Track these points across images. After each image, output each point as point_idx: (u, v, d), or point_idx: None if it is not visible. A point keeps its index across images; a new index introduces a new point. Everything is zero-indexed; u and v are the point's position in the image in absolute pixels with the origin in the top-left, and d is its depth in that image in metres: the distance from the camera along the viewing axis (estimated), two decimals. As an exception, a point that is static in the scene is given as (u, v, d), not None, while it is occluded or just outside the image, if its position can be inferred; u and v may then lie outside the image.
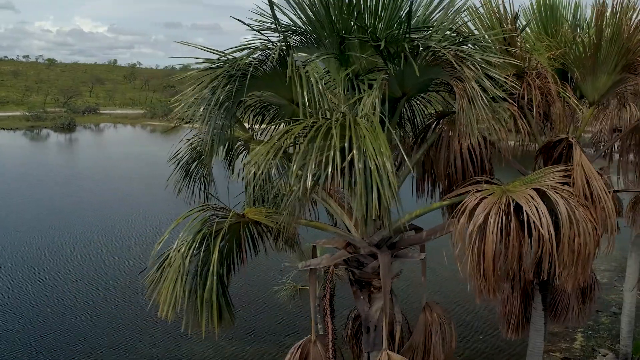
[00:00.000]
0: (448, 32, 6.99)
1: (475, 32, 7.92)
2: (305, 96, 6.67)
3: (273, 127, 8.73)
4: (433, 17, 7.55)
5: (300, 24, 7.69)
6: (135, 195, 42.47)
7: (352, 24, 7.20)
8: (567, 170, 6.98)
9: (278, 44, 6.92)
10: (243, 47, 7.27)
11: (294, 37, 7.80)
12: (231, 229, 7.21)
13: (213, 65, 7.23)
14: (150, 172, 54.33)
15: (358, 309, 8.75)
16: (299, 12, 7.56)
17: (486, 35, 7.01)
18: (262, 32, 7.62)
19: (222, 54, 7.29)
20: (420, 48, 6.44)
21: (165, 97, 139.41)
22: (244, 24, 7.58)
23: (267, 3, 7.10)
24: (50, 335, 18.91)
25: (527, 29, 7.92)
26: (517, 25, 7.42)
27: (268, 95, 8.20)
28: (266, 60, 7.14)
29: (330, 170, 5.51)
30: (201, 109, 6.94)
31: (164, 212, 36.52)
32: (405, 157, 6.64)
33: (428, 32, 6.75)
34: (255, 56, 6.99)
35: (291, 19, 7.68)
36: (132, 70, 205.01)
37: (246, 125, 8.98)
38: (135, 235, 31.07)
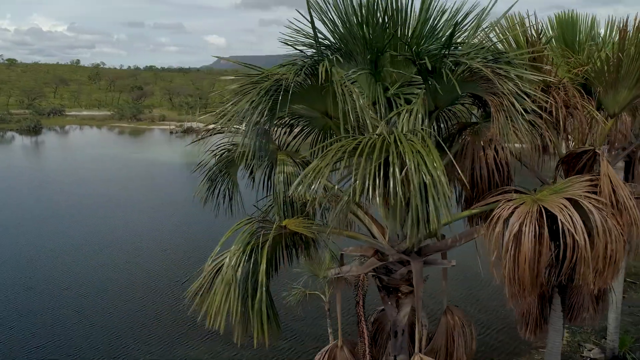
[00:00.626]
0: (481, 50, 7.32)
1: (499, 45, 8.26)
2: (349, 111, 6.90)
3: (309, 141, 8.96)
4: (463, 29, 7.87)
5: (331, 39, 7.94)
6: (115, 199, 41.81)
7: (388, 42, 7.48)
8: (593, 180, 7.38)
9: (324, 60, 7.12)
10: (285, 63, 7.49)
11: (325, 51, 8.04)
12: (273, 240, 7.39)
13: (252, 80, 7.45)
14: (127, 174, 53.67)
15: (387, 314, 9.01)
16: (333, 28, 7.82)
17: (518, 53, 7.36)
18: (298, 47, 7.88)
19: (264, 71, 7.54)
20: (466, 66, 6.75)
21: (132, 98, 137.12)
22: (285, 43, 7.81)
23: (310, 27, 7.38)
24: (44, 346, 18.59)
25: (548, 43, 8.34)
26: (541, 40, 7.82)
27: (299, 108, 8.41)
28: (301, 74, 7.33)
29: (392, 184, 5.76)
30: (244, 125, 7.10)
31: (144, 216, 36.22)
32: (457, 168, 6.93)
33: (468, 52, 7.05)
34: (295, 71, 7.18)
35: (323, 34, 7.93)
36: (97, 71, 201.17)
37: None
38: (118, 240, 30.67)
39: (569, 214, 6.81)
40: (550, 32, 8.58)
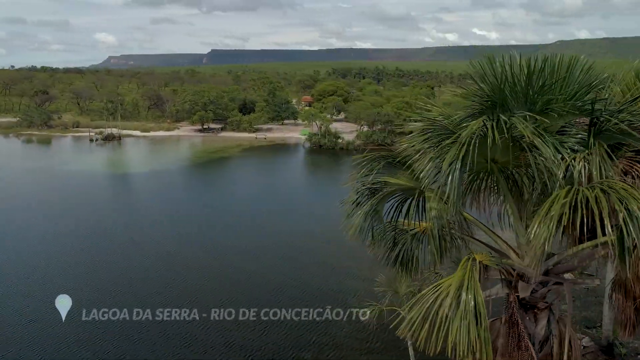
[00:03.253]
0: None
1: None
2: (541, 162, 8.20)
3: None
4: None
5: (488, 92, 9.18)
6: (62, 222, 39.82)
7: (550, 100, 8.86)
8: None
9: (517, 117, 8.30)
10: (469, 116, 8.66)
11: (482, 102, 9.26)
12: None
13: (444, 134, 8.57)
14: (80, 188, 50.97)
15: (526, 327, 10.33)
16: (493, 86, 9.08)
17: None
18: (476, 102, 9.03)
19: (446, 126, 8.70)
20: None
21: (36, 103, 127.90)
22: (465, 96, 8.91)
23: (494, 91, 8.59)
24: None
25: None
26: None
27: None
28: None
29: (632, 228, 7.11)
30: (450, 178, 8.19)
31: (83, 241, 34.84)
32: None
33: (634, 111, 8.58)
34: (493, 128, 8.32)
35: (484, 90, 9.17)
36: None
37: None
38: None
39: None
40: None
